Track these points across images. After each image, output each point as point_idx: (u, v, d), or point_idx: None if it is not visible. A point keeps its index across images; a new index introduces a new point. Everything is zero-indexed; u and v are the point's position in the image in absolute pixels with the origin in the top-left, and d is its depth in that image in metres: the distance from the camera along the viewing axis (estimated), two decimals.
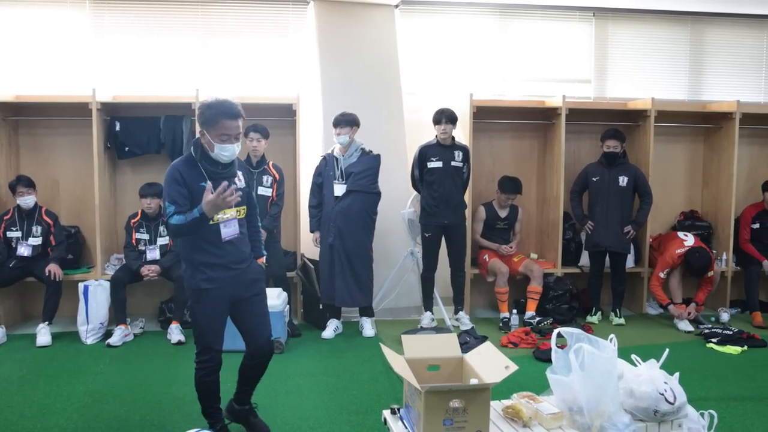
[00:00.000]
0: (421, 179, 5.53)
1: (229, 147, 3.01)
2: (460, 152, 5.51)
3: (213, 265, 3.08)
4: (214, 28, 6.14)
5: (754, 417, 3.74)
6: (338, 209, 5.27)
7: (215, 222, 3.01)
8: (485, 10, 6.51)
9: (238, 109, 3.02)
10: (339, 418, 3.69)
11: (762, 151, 6.75)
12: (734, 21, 6.96)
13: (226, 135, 2.98)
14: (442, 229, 5.51)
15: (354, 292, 5.32)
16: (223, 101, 3.01)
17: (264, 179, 5.43)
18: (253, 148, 5.36)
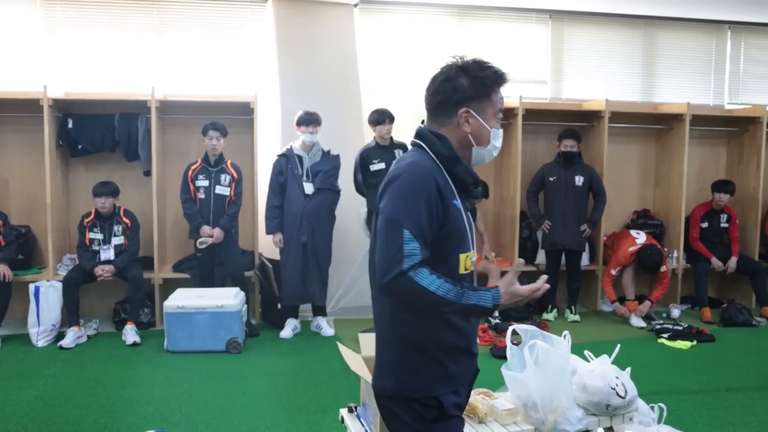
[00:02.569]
0: (364, 183, 5.51)
1: (500, 134, 1.95)
2: (400, 151, 5.53)
3: (458, 350, 1.84)
4: (169, 25, 6.04)
5: (702, 409, 3.86)
6: (310, 207, 5.25)
7: (467, 271, 1.85)
8: (443, 11, 6.56)
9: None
10: (297, 417, 3.68)
11: (711, 152, 6.96)
12: (685, 25, 7.15)
13: (501, 112, 1.96)
14: None
15: (322, 290, 5.37)
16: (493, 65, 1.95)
17: (222, 178, 5.37)
18: (212, 147, 5.30)
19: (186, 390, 4.11)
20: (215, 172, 5.38)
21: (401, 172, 1.74)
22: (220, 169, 5.39)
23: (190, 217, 5.38)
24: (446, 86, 1.83)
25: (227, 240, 5.36)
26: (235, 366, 4.60)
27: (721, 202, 6.30)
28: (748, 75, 7.46)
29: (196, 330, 4.84)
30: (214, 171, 5.38)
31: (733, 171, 6.82)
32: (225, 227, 5.33)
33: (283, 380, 4.33)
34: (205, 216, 5.37)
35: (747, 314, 5.88)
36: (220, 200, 5.38)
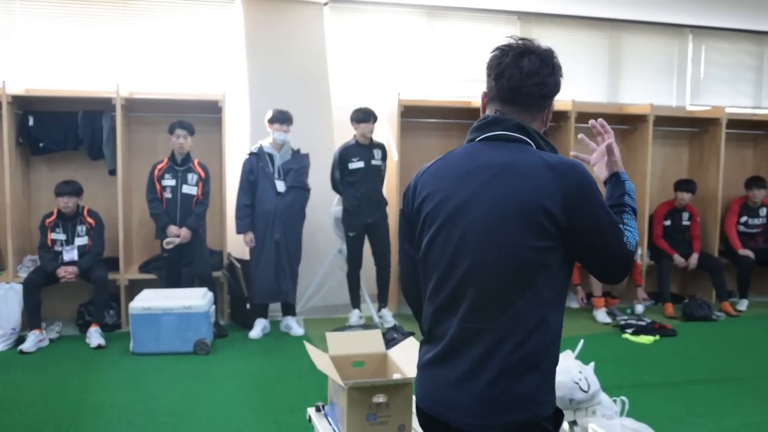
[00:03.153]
0: (341, 180, 5.53)
1: None
2: (379, 150, 5.57)
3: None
4: (136, 21, 5.96)
5: (664, 401, 3.95)
6: (283, 205, 5.23)
7: None
8: (413, 10, 6.59)
9: None
10: (265, 418, 3.66)
11: (673, 152, 7.11)
12: (649, 29, 7.30)
13: None
14: (365, 228, 5.54)
15: (293, 288, 5.37)
16: None
17: (189, 177, 5.33)
18: (179, 145, 5.25)
19: (152, 392, 4.06)
20: (182, 172, 5.33)
21: (581, 174, 1.56)
22: (187, 168, 5.34)
23: (157, 217, 5.32)
24: (551, 80, 1.69)
25: (195, 240, 5.32)
26: (203, 367, 4.56)
27: (684, 201, 6.44)
28: (708, 77, 7.64)
29: (163, 331, 4.79)
30: (181, 170, 5.33)
31: (695, 170, 6.98)
32: (192, 227, 5.28)
33: (251, 381, 4.30)
34: (172, 216, 5.31)
35: (707, 309, 6.02)
36: (187, 200, 5.33)
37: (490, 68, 1.68)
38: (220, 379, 4.33)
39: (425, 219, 1.65)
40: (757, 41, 7.73)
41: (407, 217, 1.75)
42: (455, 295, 1.60)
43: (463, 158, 1.64)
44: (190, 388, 4.14)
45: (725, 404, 3.95)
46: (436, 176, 1.67)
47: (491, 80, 1.67)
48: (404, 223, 1.77)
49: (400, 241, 1.81)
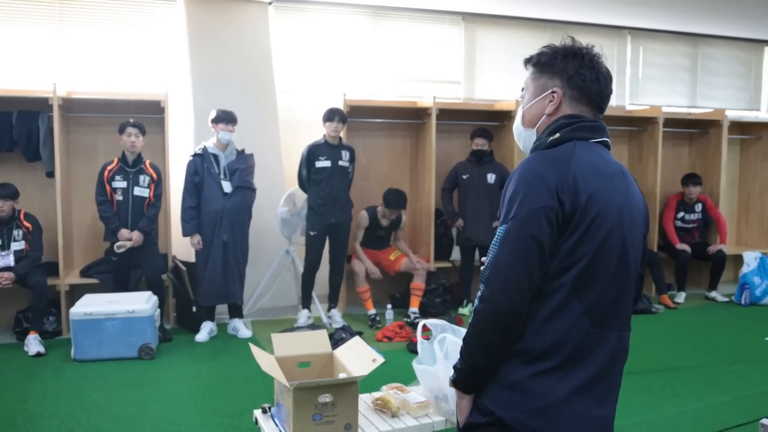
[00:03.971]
0: (308, 178, 5.51)
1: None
2: (347, 152, 5.57)
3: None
4: (74, 18, 5.79)
5: None
6: (230, 206, 5.17)
7: None
8: (358, 11, 6.60)
9: None
10: (212, 421, 3.62)
11: (614, 150, 7.17)
12: (590, 30, 7.49)
13: None
14: (328, 228, 5.52)
15: (241, 289, 5.32)
16: None
17: (141, 179, 5.21)
18: (131, 144, 5.12)
19: (95, 399, 3.96)
20: (133, 173, 5.20)
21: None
22: (138, 170, 5.22)
23: (107, 219, 5.17)
24: None
25: (146, 243, 5.20)
26: (148, 372, 4.47)
27: None
28: (646, 78, 7.90)
29: (106, 337, 4.67)
30: (133, 171, 5.20)
31: (634, 168, 7.19)
32: (144, 230, 5.16)
33: (198, 384, 4.24)
34: (123, 218, 5.18)
35: (647, 302, 6.22)
36: (139, 202, 5.21)
37: (589, 69, 1.62)
38: (166, 384, 4.25)
39: (593, 220, 1.49)
40: (692, 43, 8.03)
41: (558, 215, 1.47)
42: (618, 305, 1.57)
43: (598, 159, 1.57)
44: (135, 394, 4.06)
45: (663, 393, 4.10)
46: (592, 173, 1.53)
47: (579, 80, 1.61)
48: (546, 225, 1.47)
49: (525, 245, 1.47)
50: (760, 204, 7.54)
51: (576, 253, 1.48)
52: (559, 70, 1.63)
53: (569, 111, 1.63)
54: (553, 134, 1.59)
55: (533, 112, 1.67)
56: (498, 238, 1.52)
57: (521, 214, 1.47)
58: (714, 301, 6.70)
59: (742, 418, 3.65)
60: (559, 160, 1.52)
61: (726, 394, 4.09)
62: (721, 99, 8.27)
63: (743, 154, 7.73)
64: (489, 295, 1.49)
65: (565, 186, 1.47)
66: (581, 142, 1.58)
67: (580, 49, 1.65)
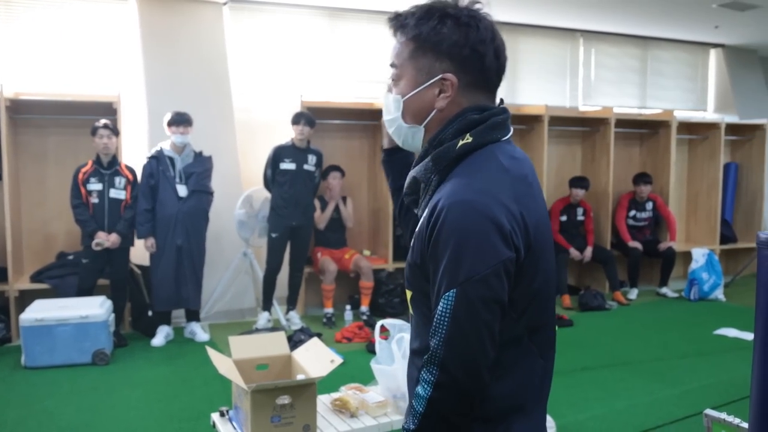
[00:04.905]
0: (273, 179, 5.47)
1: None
2: (314, 156, 5.56)
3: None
4: (21, 16, 5.64)
5: (560, 388, 4.13)
6: (185, 210, 5.10)
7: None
8: (315, 12, 6.58)
9: None
10: (168, 426, 3.58)
11: (568, 150, 7.46)
12: (543, 32, 7.63)
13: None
14: (289, 230, 5.49)
15: (196, 294, 5.23)
16: None
17: (116, 181, 5.10)
18: (103, 146, 5.00)
19: (46, 407, 3.87)
20: (109, 175, 5.08)
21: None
22: (114, 172, 5.10)
23: (83, 223, 5.03)
24: None
25: (121, 246, 5.10)
26: (103, 378, 4.39)
27: (578, 197, 6.77)
28: (599, 79, 8.08)
29: (58, 343, 4.57)
30: (108, 174, 5.09)
31: (587, 168, 7.36)
32: (122, 232, 5.06)
33: (154, 389, 4.18)
34: (99, 221, 5.06)
35: (601, 299, 6.37)
36: (116, 204, 5.09)
37: (486, 45, 1.28)
38: (121, 390, 4.18)
39: (540, 252, 1.25)
40: (641, 45, 8.25)
41: (514, 265, 1.19)
42: (552, 325, 1.35)
43: (519, 167, 1.29)
44: (89, 401, 3.98)
45: (616, 387, 4.21)
46: (525, 192, 1.25)
47: (481, 61, 1.28)
48: (506, 282, 1.18)
49: (488, 312, 1.17)
50: (707, 202, 7.79)
51: (527, 297, 1.24)
52: (448, 49, 1.26)
53: (465, 102, 1.30)
54: (460, 135, 1.27)
55: (418, 105, 1.31)
56: (447, 309, 1.17)
57: (479, 275, 1.15)
58: (665, 296, 6.91)
59: (689, 410, 3.78)
60: (501, 191, 1.21)
61: (675, 387, 4.22)
62: (669, 100, 8.52)
63: (691, 154, 7.97)
64: (448, 381, 1.18)
65: (516, 227, 1.19)
66: (495, 145, 1.29)
67: (468, 11, 1.29)
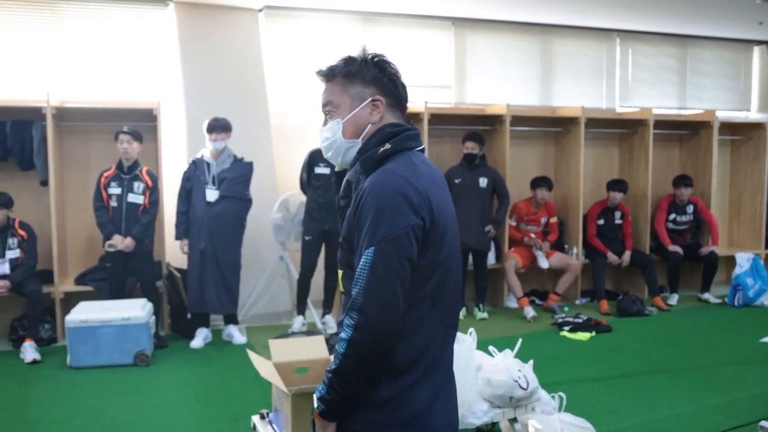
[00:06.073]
0: (308, 183, 5.52)
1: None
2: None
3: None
4: (66, 28, 5.80)
5: (600, 395, 4.10)
6: (210, 215, 5.16)
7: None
8: (349, 16, 6.63)
9: None
10: (208, 427, 3.63)
11: (604, 153, 7.36)
12: (578, 33, 7.56)
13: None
14: (323, 234, 5.52)
15: (223, 299, 5.24)
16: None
17: (135, 186, 5.21)
18: (123, 150, 5.13)
19: (91, 406, 3.97)
20: (128, 180, 5.21)
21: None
22: (133, 177, 5.22)
23: (102, 225, 5.18)
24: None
25: (139, 250, 5.20)
26: (144, 379, 4.48)
27: (616, 200, 6.68)
28: (636, 80, 7.97)
29: (102, 344, 4.68)
30: (127, 178, 5.21)
31: (625, 170, 7.25)
32: (137, 237, 5.16)
33: (193, 391, 4.25)
34: (117, 225, 5.19)
35: (640, 304, 6.26)
36: (133, 209, 5.21)
37: (395, 76, 1.70)
38: (162, 391, 4.26)
39: (443, 231, 1.55)
40: (680, 44, 8.10)
41: (421, 232, 1.49)
42: (456, 303, 1.63)
43: (429, 169, 1.62)
44: (131, 401, 4.06)
45: (657, 395, 4.13)
46: (432, 184, 1.57)
47: (395, 87, 1.69)
48: (414, 243, 1.48)
49: (400, 266, 1.45)
50: (751, 205, 7.61)
51: (432, 266, 1.52)
52: (372, 78, 1.67)
53: (389, 119, 1.67)
54: (381, 144, 1.60)
55: (356, 123, 1.66)
56: (367, 262, 1.44)
57: (391, 234, 1.44)
58: (707, 302, 6.75)
59: (737, 421, 3.67)
60: (410, 176, 1.52)
61: (721, 396, 4.12)
62: (710, 100, 8.35)
63: (734, 155, 7.80)
64: (366, 323, 1.44)
65: (423, 202, 1.49)
66: (409, 152, 1.61)
67: (381, 56, 1.71)
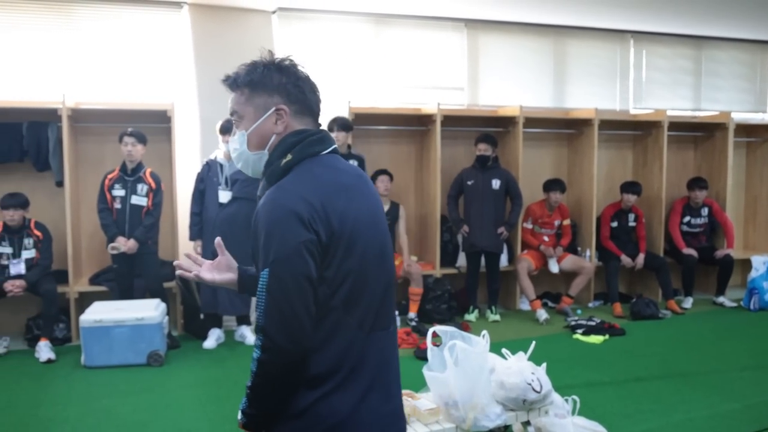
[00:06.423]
0: None
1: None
2: (355, 161, 5.60)
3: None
4: (80, 30, 5.84)
5: (614, 399, 4.07)
6: (223, 216, 5.18)
7: None
8: (361, 18, 6.63)
9: None
10: (221, 427, 3.64)
11: (618, 155, 7.32)
12: (591, 34, 7.52)
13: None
14: None
15: (235, 300, 5.25)
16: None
17: (138, 188, 5.25)
18: (127, 153, 5.17)
19: (105, 406, 3.99)
20: (131, 182, 5.25)
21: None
22: (137, 179, 5.26)
23: (106, 227, 5.23)
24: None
25: (143, 251, 5.23)
26: (157, 379, 4.50)
27: (629, 203, 6.64)
28: (650, 81, 7.91)
29: (115, 344, 4.70)
30: (131, 180, 5.25)
31: (639, 172, 7.20)
32: (140, 238, 5.19)
33: (206, 391, 4.27)
34: (121, 226, 5.23)
35: (654, 308, 6.21)
36: (136, 210, 5.25)
37: (303, 81, 1.65)
38: (175, 390, 4.28)
39: (349, 239, 1.51)
40: (694, 45, 8.04)
41: (317, 246, 1.47)
42: (383, 305, 1.61)
43: (335, 174, 1.59)
44: (144, 400, 4.08)
45: (672, 400, 4.09)
46: (336, 192, 1.54)
47: (303, 93, 1.64)
48: (309, 259, 1.46)
49: (296, 285, 1.45)
50: (767, 207, 7.53)
51: (340, 276, 1.50)
52: (277, 86, 1.62)
53: (296, 126, 1.63)
54: (283, 156, 1.58)
55: (261, 134, 1.63)
56: (263, 285, 1.46)
57: (283, 255, 1.44)
58: (722, 306, 6.69)
59: (753, 426, 3.64)
60: (304, 189, 1.50)
61: (736, 401, 4.07)
62: (725, 101, 8.27)
63: (749, 157, 7.73)
64: (270, 344, 1.45)
65: (316, 216, 1.47)
66: (314, 158, 1.59)
67: (286, 61, 1.67)
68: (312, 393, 1.50)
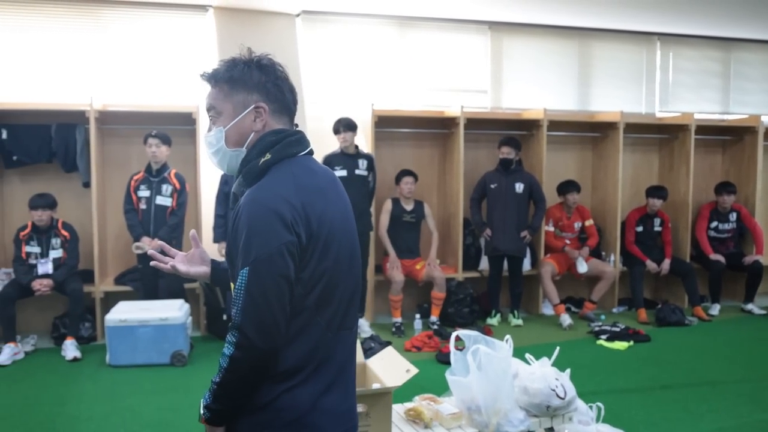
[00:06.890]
0: None
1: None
2: (364, 161, 5.60)
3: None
4: (108, 34, 5.92)
5: (638, 407, 4.02)
6: None
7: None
8: (385, 21, 6.63)
9: None
10: None
11: (644, 159, 7.23)
12: (617, 37, 7.43)
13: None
14: None
15: None
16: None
17: (163, 188, 5.31)
18: (152, 154, 5.24)
19: (129, 405, 4.03)
20: (156, 183, 5.31)
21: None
22: (161, 179, 5.32)
23: (131, 228, 5.30)
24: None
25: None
26: (181, 379, 4.54)
27: (655, 207, 6.55)
28: (677, 84, 7.80)
29: (140, 343, 4.76)
30: (156, 181, 5.31)
31: (665, 176, 7.11)
32: (164, 238, 5.25)
33: None
34: (146, 227, 5.29)
35: (680, 314, 6.12)
36: (161, 211, 5.31)
37: (282, 81, 1.65)
38: (198, 391, 4.30)
39: (325, 242, 1.53)
40: (723, 47, 7.91)
41: (297, 248, 1.49)
42: (350, 306, 1.63)
43: (312, 177, 1.60)
44: (167, 400, 4.12)
45: (699, 409, 4.02)
46: (314, 194, 1.55)
47: (281, 93, 1.64)
48: (289, 260, 1.47)
49: (275, 285, 1.46)
50: None
51: (315, 277, 1.52)
52: (256, 84, 1.62)
53: (274, 125, 1.63)
54: (262, 155, 1.58)
55: (239, 132, 1.62)
56: (242, 283, 1.47)
57: (264, 254, 1.45)
58: (750, 313, 6.56)
59: None
60: (286, 190, 1.51)
61: (766, 411, 3.99)
62: (755, 105, 8.12)
63: None
64: (245, 341, 1.47)
65: (298, 218, 1.48)
66: (292, 159, 1.59)
67: (266, 60, 1.67)
68: (276, 387, 1.52)
